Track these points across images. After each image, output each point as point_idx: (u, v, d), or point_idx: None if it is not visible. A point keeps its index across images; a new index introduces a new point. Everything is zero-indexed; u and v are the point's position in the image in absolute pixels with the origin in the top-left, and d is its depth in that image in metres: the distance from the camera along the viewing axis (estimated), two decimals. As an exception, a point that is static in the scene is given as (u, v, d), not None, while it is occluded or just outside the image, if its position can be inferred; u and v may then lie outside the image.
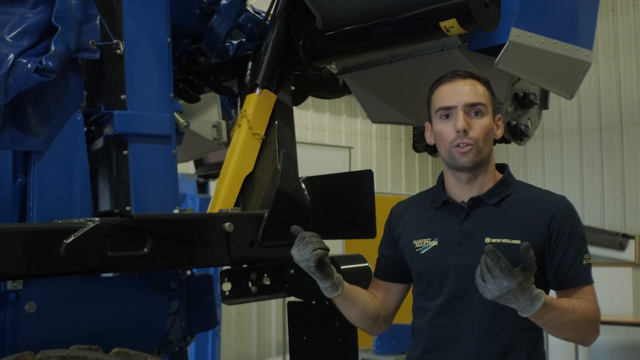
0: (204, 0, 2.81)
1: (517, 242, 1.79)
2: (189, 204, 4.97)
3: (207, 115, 3.62)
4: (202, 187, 5.11)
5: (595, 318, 1.82)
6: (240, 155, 2.44)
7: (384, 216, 2.15)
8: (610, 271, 7.30)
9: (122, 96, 2.31)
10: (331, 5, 2.52)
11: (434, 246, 1.92)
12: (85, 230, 1.89)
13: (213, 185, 4.62)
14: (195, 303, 2.54)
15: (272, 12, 2.61)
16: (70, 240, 1.86)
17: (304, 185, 2.49)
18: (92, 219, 1.95)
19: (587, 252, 1.87)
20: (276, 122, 2.53)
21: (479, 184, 1.92)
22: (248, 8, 2.82)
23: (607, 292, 6.59)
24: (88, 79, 2.39)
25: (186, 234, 2.12)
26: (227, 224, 2.17)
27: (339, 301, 1.97)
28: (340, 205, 2.45)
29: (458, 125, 1.84)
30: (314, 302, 2.48)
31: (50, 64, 2.06)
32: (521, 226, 1.84)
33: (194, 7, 2.81)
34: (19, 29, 2.10)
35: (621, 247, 7.57)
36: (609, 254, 7.51)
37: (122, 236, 1.97)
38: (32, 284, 2.08)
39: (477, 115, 1.87)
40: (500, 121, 1.96)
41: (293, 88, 2.77)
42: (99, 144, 2.40)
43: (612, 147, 8.02)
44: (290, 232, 1.91)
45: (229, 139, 2.83)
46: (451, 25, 2.12)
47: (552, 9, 2.30)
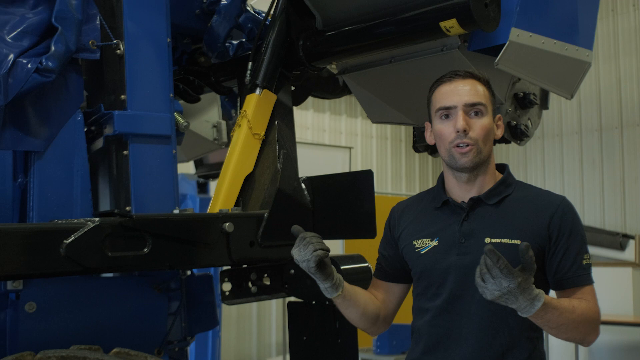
0: (204, 1, 2.81)
1: (517, 242, 1.79)
2: (189, 204, 4.96)
3: (207, 116, 3.61)
4: (202, 188, 5.11)
5: (595, 318, 1.82)
6: (240, 155, 2.44)
7: (384, 216, 2.15)
8: (610, 271, 7.30)
9: (122, 96, 2.31)
10: (331, 5, 2.52)
11: (434, 246, 1.92)
12: (85, 230, 1.89)
13: (213, 185, 4.62)
14: (195, 303, 2.54)
15: (272, 12, 2.61)
16: (71, 240, 1.86)
17: (304, 186, 2.49)
18: (92, 219, 1.95)
19: (587, 252, 1.87)
20: (276, 122, 2.53)
21: (479, 184, 1.92)
22: (248, 8, 2.82)
23: (607, 292, 6.60)
24: (88, 79, 2.40)
25: (186, 234, 2.12)
26: (227, 224, 2.17)
27: (339, 302, 1.97)
28: (340, 205, 2.44)
29: (458, 125, 1.84)
30: (313, 302, 2.48)
31: (51, 64, 2.06)
32: (521, 226, 1.84)
33: (194, 7, 2.81)
34: (19, 29, 2.10)
35: (621, 247, 7.57)
36: (609, 254, 7.52)
37: (122, 236, 1.97)
38: (32, 284, 2.08)
39: (477, 115, 1.87)
40: (500, 121, 1.96)
41: (293, 88, 2.78)
42: (99, 144, 2.40)
43: (612, 147, 8.02)
44: (291, 232, 1.90)
45: (229, 139, 2.84)
46: (451, 25, 2.12)
47: (552, 9, 2.30)
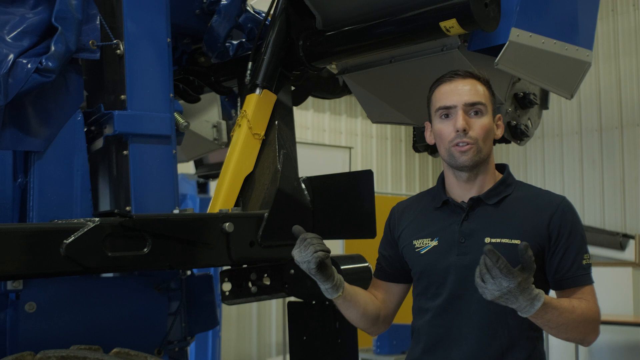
0: (204, 1, 2.81)
1: (516, 241, 1.79)
2: (189, 204, 4.97)
3: (207, 116, 3.61)
4: (202, 188, 5.11)
5: (595, 318, 1.81)
6: (240, 155, 2.44)
7: (384, 216, 2.15)
8: (610, 271, 7.30)
9: (122, 96, 2.31)
10: (331, 5, 2.52)
11: (433, 246, 1.92)
12: (85, 230, 1.89)
13: (213, 185, 4.62)
14: (195, 303, 2.54)
15: (272, 12, 2.61)
16: (70, 240, 1.86)
17: (304, 186, 2.49)
18: (92, 219, 1.95)
19: (587, 252, 1.87)
20: (276, 122, 2.53)
21: (479, 183, 1.92)
22: (248, 8, 2.82)
23: (608, 292, 6.60)
24: (88, 79, 2.40)
25: (186, 234, 2.12)
26: (227, 224, 2.17)
27: (339, 302, 1.97)
28: (340, 205, 2.44)
29: (458, 125, 1.84)
30: (314, 302, 2.48)
31: (50, 64, 2.06)
32: (521, 226, 1.84)
33: (194, 7, 2.81)
34: (19, 29, 2.10)
35: (621, 247, 7.57)
36: (609, 253, 7.52)
37: (122, 236, 1.97)
38: (32, 284, 2.08)
39: (477, 115, 1.87)
40: (500, 121, 1.96)
41: (293, 88, 2.77)
42: (99, 144, 2.40)
43: (612, 147, 8.02)
44: (292, 232, 1.90)
45: (229, 139, 2.84)
46: (451, 25, 2.12)
47: (552, 9, 2.30)
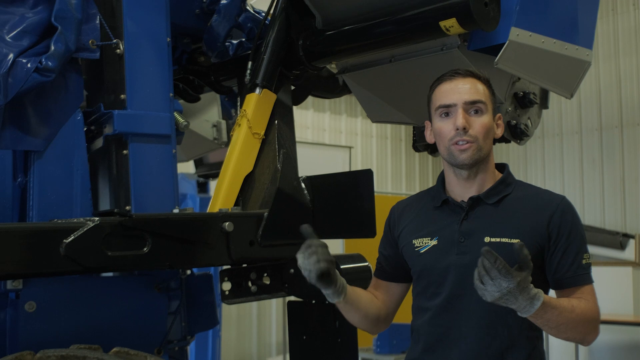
0: (204, 0, 2.81)
1: (516, 241, 1.78)
2: (189, 203, 4.96)
3: (207, 115, 3.61)
4: (202, 187, 5.11)
5: (595, 317, 1.81)
6: (240, 154, 2.44)
7: (384, 216, 2.14)
8: (610, 271, 7.30)
9: (122, 96, 2.31)
10: (331, 4, 2.52)
11: (433, 245, 1.92)
12: (85, 229, 1.89)
13: (213, 185, 4.62)
14: (195, 302, 2.54)
15: (272, 11, 2.61)
16: (70, 239, 1.86)
17: (304, 185, 2.48)
18: (92, 218, 1.95)
19: (587, 252, 1.87)
20: (276, 121, 2.53)
21: (479, 182, 1.92)
22: (248, 8, 2.82)
23: (608, 291, 6.60)
24: (88, 79, 2.40)
25: (186, 233, 2.12)
26: (227, 223, 2.17)
27: (341, 306, 1.95)
28: (340, 204, 2.44)
29: (457, 123, 1.84)
30: (313, 301, 2.48)
31: (50, 63, 2.06)
32: (520, 225, 1.84)
33: (194, 6, 2.81)
34: (19, 29, 2.10)
35: (621, 246, 7.57)
36: (609, 253, 7.51)
37: (121, 236, 1.97)
38: (32, 284, 2.08)
39: (477, 114, 1.87)
40: (500, 120, 1.96)
41: (293, 88, 2.77)
42: (98, 143, 2.40)
43: (612, 146, 8.02)
44: (300, 231, 1.85)
45: (229, 138, 2.83)
46: (451, 24, 2.12)
47: (552, 9, 2.30)
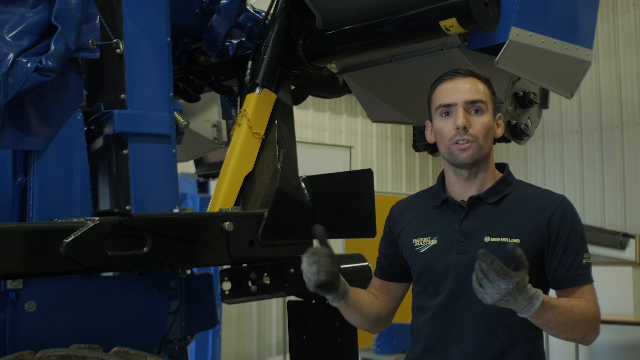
0: (204, 0, 2.81)
1: (516, 240, 1.79)
2: (189, 203, 4.96)
3: (207, 115, 3.61)
4: (203, 187, 5.11)
5: (595, 317, 1.81)
6: (240, 154, 2.44)
7: (384, 215, 2.14)
8: (610, 270, 7.30)
9: (122, 95, 2.31)
10: (331, 4, 2.52)
11: (433, 245, 1.92)
12: (85, 229, 1.89)
13: (213, 184, 4.62)
14: (195, 302, 2.54)
15: (272, 11, 2.61)
16: (70, 239, 1.86)
17: (304, 185, 2.48)
18: (92, 218, 1.95)
19: (587, 251, 1.86)
20: (276, 121, 2.53)
21: (479, 182, 1.92)
22: (248, 7, 2.82)
23: (608, 291, 6.60)
24: (88, 79, 2.40)
25: (186, 233, 2.12)
26: (227, 223, 2.17)
27: (342, 309, 1.95)
28: (340, 204, 2.44)
29: (458, 122, 1.84)
30: (313, 301, 2.48)
31: (50, 63, 2.06)
32: (520, 225, 1.84)
33: (194, 6, 2.81)
34: (19, 29, 2.10)
35: (621, 246, 7.57)
36: (610, 253, 7.51)
37: (121, 235, 1.97)
38: (32, 283, 2.08)
39: (477, 113, 1.87)
40: (500, 120, 1.96)
41: (293, 87, 2.77)
42: (98, 143, 2.40)
43: (612, 146, 8.02)
44: (313, 232, 1.82)
45: (229, 138, 2.83)
46: (451, 24, 2.12)
47: (552, 8, 2.30)
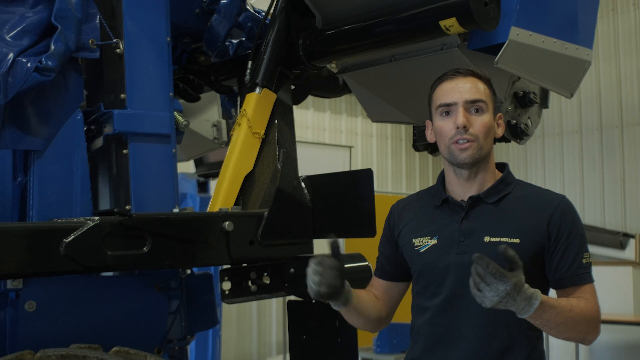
0: (204, 0, 2.81)
1: (516, 240, 1.79)
2: (189, 203, 4.96)
3: (207, 115, 3.61)
4: (203, 187, 5.11)
5: (595, 317, 1.81)
6: (240, 154, 2.44)
7: (384, 215, 2.14)
8: (610, 270, 7.30)
9: (122, 95, 2.31)
10: (331, 4, 2.52)
11: (433, 245, 1.92)
12: (85, 229, 1.89)
13: (213, 184, 4.62)
14: (195, 302, 2.54)
15: (272, 11, 2.61)
16: (70, 239, 1.86)
17: (303, 184, 2.48)
18: (92, 218, 1.95)
19: (587, 251, 1.86)
20: (276, 121, 2.53)
21: (479, 182, 1.92)
22: (248, 7, 2.83)
23: (608, 291, 6.59)
24: (88, 78, 2.40)
25: (186, 233, 2.12)
26: (227, 223, 2.17)
27: (343, 312, 1.96)
28: (340, 204, 2.44)
29: (458, 122, 1.84)
30: (313, 301, 2.48)
31: (50, 63, 2.06)
32: (520, 225, 1.84)
33: (194, 6, 2.81)
34: (19, 28, 2.10)
35: (621, 246, 7.57)
36: (610, 253, 7.51)
37: (121, 235, 1.97)
38: (32, 283, 2.08)
39: (478, 113, 1.86)
40: (501, 120, 1.95)
41: (293, 87, 2.78)
42: (98, 143, 2.40)
43: (612, 146, 8.02)
44: (328, 243, 1.83)
45: (229, 138, 2.83)
46: (451, 24, 2.12)
47: (552, 8, 2.30)
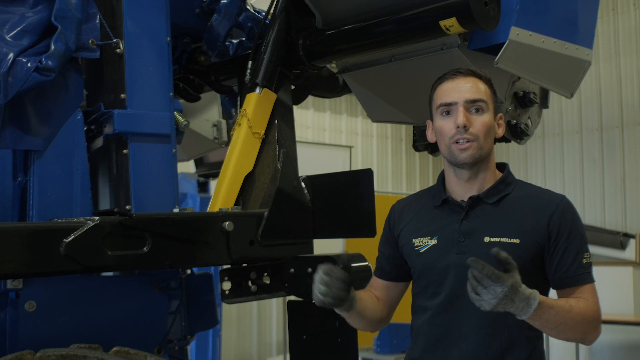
0: (204, 0, 2.81)
1: (516, 241, 1.79)
2: (190, 203, 4.96)
3: (207, 115, 3.61)
4: (203, 187, 5.11)
5: (595, 317, 1.81)
6: (240, 154, 2.44)
7: (384, 215, 2.14)
8: (610, 270, 7.30)
9: (122, 95, 2.31)
10: (331, 4, 2.52)
11: (433, 245, 1.91)
12: (85, 229, 1.89)
13: (213, 184, 4.62)
14: (195, 302, 2.54)
15: (272, 11, 2.61)
16: (70, 239, 1.86)
17: (304, 184, 2.48)
18: (92, 217, 1.95)
19: (587, 251, 1.86)
20: (276, 121, 2.53)
21: (480, 182, 1.92)
22: (248, 7, 2.82)
23: (608, 291, 6.59)
24: (88, 78, 2.40)
25: (186, 233, 2.12)
26: (227, 223, 2.17)
27: (345, 315, 1.96)
28: (340, 204, 2.44)
29: (458, 121, 1.84)
30: (313, 301, 2.48)
31: (50, 63, 2.06)
32: (520, 225, 1.84)
33: (194, 6, 2.81)
34: (19, 28, 2.10)
35: (622, 246, 7.57)
36: (610, 253, 7.51)
37: (122, 235, 1.97)
38: (32, 283, 2.08)
39: (478, 112, 1.86)
40: (501, 120, 1.95)
41: (293, 87, 2.77)
42: (98, 143, 2.40)
43: (612, 146, 8.02)
44: (341, 256, 1.84)
45: (229, 138, 2.84)
46: (451, 24, 2.12)
47: (552, 8, 2.30)
